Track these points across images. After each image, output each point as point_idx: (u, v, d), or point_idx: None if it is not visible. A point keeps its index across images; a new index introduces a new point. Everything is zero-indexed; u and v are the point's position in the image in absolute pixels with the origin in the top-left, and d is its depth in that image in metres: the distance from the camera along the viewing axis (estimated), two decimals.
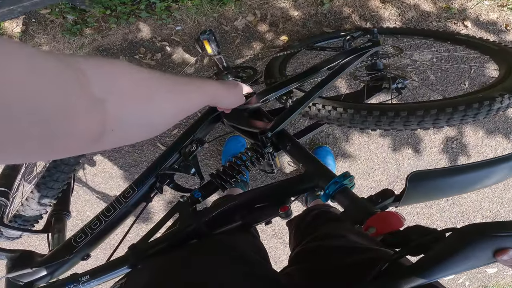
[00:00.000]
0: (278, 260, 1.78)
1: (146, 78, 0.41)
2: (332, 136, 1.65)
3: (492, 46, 1.02)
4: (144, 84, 0.40)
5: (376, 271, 0.44)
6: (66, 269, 0.80)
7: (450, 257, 0.38)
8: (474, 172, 0.52)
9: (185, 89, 0.50)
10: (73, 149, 0.32)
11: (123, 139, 0.40)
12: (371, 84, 1.11)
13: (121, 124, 0.36)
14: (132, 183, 0.79)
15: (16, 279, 0.79)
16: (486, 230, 0.37)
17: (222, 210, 0.64)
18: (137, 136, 0.43)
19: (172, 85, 0.47)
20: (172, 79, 0.48)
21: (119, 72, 0.36)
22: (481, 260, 0.37)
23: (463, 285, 1.91)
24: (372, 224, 0.50)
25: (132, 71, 0.39)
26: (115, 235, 0.81)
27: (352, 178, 0.61)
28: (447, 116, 0.70)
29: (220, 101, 0.67)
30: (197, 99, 0.55)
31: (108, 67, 0.35)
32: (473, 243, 0.37)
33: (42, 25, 1.62)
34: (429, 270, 0.39)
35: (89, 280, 0.70)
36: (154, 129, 0.45)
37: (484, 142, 1.68)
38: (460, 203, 1.75)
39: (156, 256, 0.64)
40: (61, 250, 0.79)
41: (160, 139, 1.64)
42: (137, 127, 0.40)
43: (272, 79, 1.07)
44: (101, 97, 0.32)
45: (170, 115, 0.47)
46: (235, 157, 0.75)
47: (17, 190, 1.20)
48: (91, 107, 0.31)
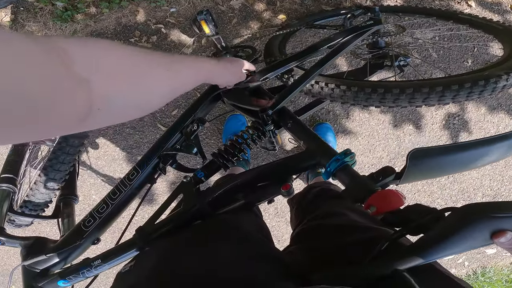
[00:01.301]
0: (281, 239, 1.81)
1: (135, 55, 0.40)
2: (333, 113, 1.64)
3: (497, 25, 1.02)
4: (133, 62, 0.40)
5: (376, 251, 0.45)
6: (78, 254, 0.82)
7: (449, 238, 0.38)
8: (476, 150, 0.52)
9: (178, 67, 0.49)
10: (60, 129, 0.32)
11: (111, 118, 0.40)
12: (372, 62, 1.10)
13: (108, 103, 0.36)
14: (135, 164, 0.80)
15: (32, 266, 0.80)
16: (485, 210, 0.38)
17: (225, 189, 0.64)
18: (127, 115, 0.42)
19: (164, 63, 0.46)
20: (164, 57, 0.47)
21: (103, 50, 0.35)
22: (478, 241, 0.38)
23: (463, 265, 1.95)
24: (372, 202, 0.50)
25: (119, 49, 0.38)
26: (122, 218, 0.83)
27: (353, 156, 0.61)
28: (453, 93, 0.70)
29: (216, 79, 0.67)
30: (190, 77, 0.54)
31: (91, 46, 0.34)
32: (471, 224, 0.37)
33: (31, 13, 1.58)
34: (428, 251, 0.39)
35: (101, 264, 0.72)
36: (144, 108, 0.44)
37: (486, 119, 1.68)
38: (461, 180, 1.76)
39: (162, 238, 0.65)
40: (72, 235, 0.80)
41: (160, 120, 1.65)
42: (126, 106, 0.40)
43: (271, 58, 1.06)
44: (85, 76, 0.31)
45: (162, 94, 0.47)
46: (237, 136, 0.75)
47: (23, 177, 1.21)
48: (76, 86, 0.30)
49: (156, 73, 0.44)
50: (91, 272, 0.74)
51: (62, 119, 0.30)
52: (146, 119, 1.65)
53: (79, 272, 0.74)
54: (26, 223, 1.08)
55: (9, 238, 0.90)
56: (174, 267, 0.48)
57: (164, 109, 1.63)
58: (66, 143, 0.95)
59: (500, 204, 0.38)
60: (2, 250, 2.01)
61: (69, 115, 0.31)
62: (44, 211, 1.09)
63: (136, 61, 0.41)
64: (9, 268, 2.12)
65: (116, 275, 0.55)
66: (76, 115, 0.31)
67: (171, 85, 0.48)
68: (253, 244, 0.58)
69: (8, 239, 0.89)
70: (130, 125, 1.66)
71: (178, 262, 0.49)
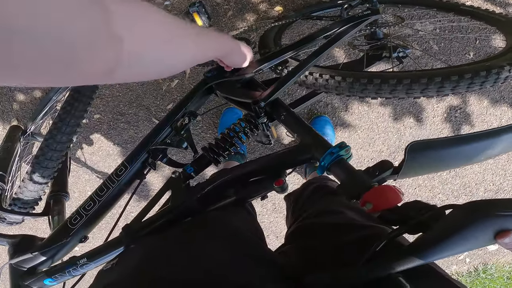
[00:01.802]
0: (279, 235, 1.79)
1: (168, 23, 0.42)
2: (331, 106, 1.61)
3: (499, 17, 1.00)
4: (166, 28, 0.42)
5: (371, 251, 0.43)
6: (65, 252, 0.80)
7: (449, 238, 0.36)
8: (478, 142, 0.49)
9: (203, 39, 0.52)
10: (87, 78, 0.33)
11: (135, 76, 0.41)
12: (370, 53, 1.08)
13: (137, 62, 0.37)
14: (124, 160, 0.77)
15: (19, 265, 0.80)
16: (489, 208, 0.36)
17: (215, 185, 0.62)
18: (150, 76, 0.45)
19: (192, 34, 0.48)
20: (193, 28, 0.51)
21: (143, 11, 0.37)
22: (481, 242, 0.36)
23: (464, 262, 1.93)
24: (368, 199, 0.48)
25: (156, 13, 0.40)
26: (113, 215, 0.80)
27: (349, 149, 0.58)
28: (453, 84, 0.68)
29: (233, 56, 0.68)
30: (212, 50, 0.57)
31: (133, 6, 0.35)
32: (474, 223, 0.35)
33: None
34: (427, 251, 0.38)
35: (87, 263, 0.71)
36: (165, 73, 0.46)
37: (489, 111, 1.64)
38: (462, 175, 1.73)
39: (149, 236, 0.63)
40: (58, 233, 0.79)
41: (155, 114, 1.62)
42: (149, 68, 0.41)
43: (266, 50, 1.03)
44: (120, 34, 0.32)
45: (185, 61, 0.49)
46: (228, 129, 0.72)
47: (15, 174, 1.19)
48: (110, 44, 0.31)
49: (184, 43, 0.46)
50: (77, 271, 0.72)
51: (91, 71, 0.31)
52: (141, 114, 1.62)
53: (65, 270, 0.73)
54: (17, 221, 1.06)
55: None
56: (158, 266, 0.46)
57: (159, 103, 1.60)
58: (53, 139, 0.92)
59: (504, 201, 0.36)
60: None
61: (99, 68, 0.31)
62: (34, 209, 1.07)
63: (169, 28, 0.43)
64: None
65: (98, 273, 0.54)
66: (106, 69, 0.32)
67: (194, 54, 0.50)
68: (243, 244, 0.56)
69: None
70: (125, 120, 1.63)
71: (163, 261, 0.48)
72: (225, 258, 0.49)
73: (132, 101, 1.61)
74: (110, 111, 1.63)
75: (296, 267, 0.56)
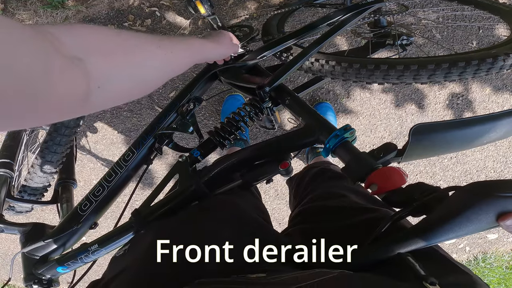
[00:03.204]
0: (282, 222, 1.81)
1: (122, 33, 0.41)
2: (333, 92, 1.61)
3: (503, 7, 0.99)
4: (122, 38, 0.40)
5: (375, 233, 0.43)
6: (76, 239, 0.81)
7: (453, 220, 0.36)
8: (482, 125, 0.50)
9: (168, 44, 0.49)
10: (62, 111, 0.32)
11: (113, 97, 0.40)
12: (374, 41, 1.08)
13: (107, 80, 0.36)
14: (130, 145, 0.78)
15: (31, 253, 0.81)
16: (491, 189, 0.35)
17: (221, 168, 0.63)
18: (128, 94, 0.43)
19: (153, 40, 0.46)
20: (152, 35, 0.48)
21: (89, 29, 0.37)
22: (483, 224, 0.36)
23: (464, 250, 1.95)
24: (373, 180, 0.49)
25: (105, 29, 0.39)
26: (120, 201, 0.81)
27: (353, 131, 0.58)
28: (460, 70, 0.69)
29: (210, 54, 0.65)
30: (186, 56, 0.54)
31: (78, 28, 0.35)
32: (476, 204, 0.35)
33: (21, 1, 1.54)
34: (431, 233, 0.38)
35: (98, 249, 0.72)
36: (143, 85, 0.45)
37: (491, 99, 1.64)
38: (464, 161, 1.74)
39: (158, 220, 0.64)
40: (69, 220, 0.79)
41: (157, 102, 1.62)
42: (125, 83, 0.40)
43: (269, 37, 1.03)
44: (78, 55, 0.32)
45: (158, 72, 0.47)
46: (233, 113, 0.73)
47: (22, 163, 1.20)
48: (69, 66, 0.30)
49: (148, 49, 0.44)
50: (88, 257, 0.73)
51: (62, 101, 0.30)
52: (144, 102, 1.63)
53: (77, 257, 0.74)
54: (26, 209, 1.07)
55: (8, 225, 0.89)
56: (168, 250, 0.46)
57: (161, 91, 1.61)
58: (61, 123, 0.93)
59: (507, 182, 0.36)
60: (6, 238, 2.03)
61: (69, 96, 0.31)
62: (43, 196, 1.08)
63: (124, 38, 0.41)
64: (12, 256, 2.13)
65: (111, 259, 0.55)
66: (76, 95, 0.32)
67: (165, 60, 0.48)
68: (251, 226, 0.57)
69: (7, 226, 0.89)
70: (128, 108, 1.64)
71: (173, 242, 0.47)
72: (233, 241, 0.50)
73: None
74: None
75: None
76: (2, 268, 2.32)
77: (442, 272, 0.38)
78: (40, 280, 0.79)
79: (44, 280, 0.80)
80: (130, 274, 0.43)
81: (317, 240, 0.57)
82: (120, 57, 0.39)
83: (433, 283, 0.32)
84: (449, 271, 0.39)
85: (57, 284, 0.83)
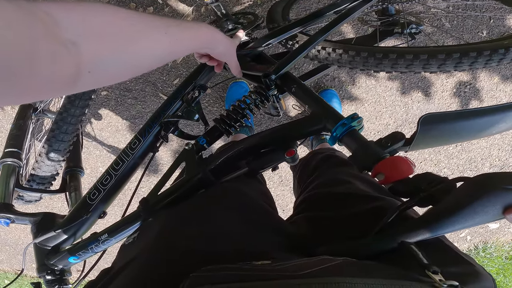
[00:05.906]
0: (285, 208, 1.82)
1: (130, 17, 0.39)
2: (338, 80, 1.60)
3: None
4: (128, 23, 0.39)
5: (382, 223, 0.43)
6: (86, 228, 0.82)
7: (460, 211, 0.36)
8: (490, 116, 0.49)
9: (175, 30, 0.47)
10: (46, 91, 0.32)
11: (103, 80, 0.39)
12: (381, 29, 1.06)
13: (100, 65, 0.35)
14: (136, 133, 0.79)
15: (43, 243, 0.81)
16: (499, 181, 0.35)
17: (228, 156, 0.63)
18: (119, 78, 0.42)
19: (161, 26, 0.44)
20: (161, 19, 0.45)
21: (94, 11, 0.35)
22: (489, 216, 0.36)
23: (465, 240, 1.96)
24: (380, 169, 0.48)
25: (112, 10, 0.37)
26: (127, 188, 0.82)
27: (361, 120, 0.58)
28: (471, 60, 0.68)
29: (216, 45, 0.62)
30: (190, 41, 0.52)
31: (80, 8, 0.34)
32: (484, 196, 0.35)
33: None
34: (438, 224, 0.38)
35: (108, 238, 0.72)
36: (137, 70, 0.44)
37: (499, 88, 1.62)
38: (469, 149, 1.73)
39: (166, 208, 0.64)
40: (78, 209, 0.80)
41: (162, 89, 1.62)
42: (119, 68, 0.39)
43: (275, 24, 1.02)
44: (73, 39, 0.31)
45: (159, 56, 0.46)
46: (239, 101, 0.73)
47: (28, 152, 1.20)
48: (60, 49, 0.30)
49: (153, 36, 0.43)
50: (99, 247, 0.74)
51: (45, 82, 0.30)
52: (148, 89, 1.62)
53: (88, 247, 0.74)
54: (35, 198, 1.08)
55: (19, 215, 0.89)
56: (176, 238, 0.47)
57: (165, 79, 1.60)
58: (67, 113, 0.93)
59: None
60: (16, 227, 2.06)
61: (54, 79, 0.30)
62: (52, 185, 1.08)
63: (131, 22, 0.39)
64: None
65: (120, 247, 0.55)
66: (63, 78, 0.31)
67: (168, 48, 0.47)
68: (257, 214, 0.57)
69: (17, 216, 0.89)
70: (132, 96, 1.63)
71: (180, 233, 0.48)
72: (240, 228, 0.50)
73: (139, 77, 1.61)
74: (117, 87, 1.63)
75: (306, 237, 0.56)
76: (13, 257, 2.37)
77: (445, 261, 0.38)
78: (53, 270, 0.80)
79: (56, 271, 0.81)
80: (142, 260, 0.44)
81: (322, 229, 0.57)
82: (120, 44, 0.38)
83: (436, 271, 0.32)
84: (452, 260, 0.40)
85: (69, 274, 0.84)
